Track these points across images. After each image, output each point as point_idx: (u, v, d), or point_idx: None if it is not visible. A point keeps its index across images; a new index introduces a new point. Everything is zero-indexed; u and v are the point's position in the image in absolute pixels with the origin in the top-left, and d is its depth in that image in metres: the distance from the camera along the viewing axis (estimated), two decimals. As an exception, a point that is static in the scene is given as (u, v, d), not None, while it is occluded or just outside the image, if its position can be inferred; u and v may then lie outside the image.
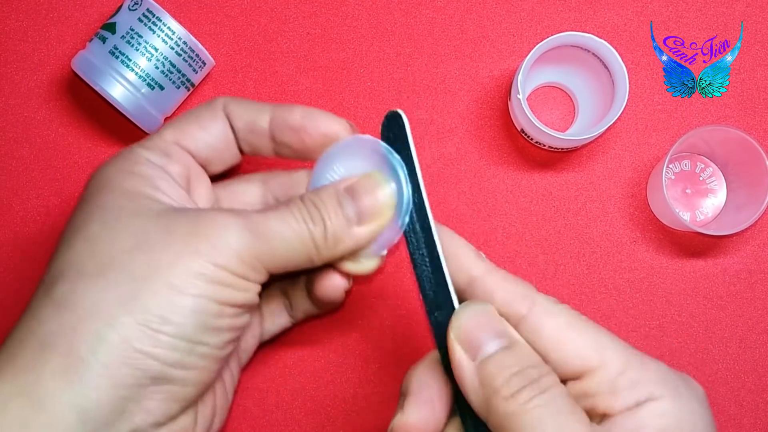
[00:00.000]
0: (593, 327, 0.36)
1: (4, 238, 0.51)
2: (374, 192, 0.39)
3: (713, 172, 0.53)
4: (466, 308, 0.36)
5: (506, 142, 0.53)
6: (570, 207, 0.52)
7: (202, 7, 0.53)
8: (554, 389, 0.34)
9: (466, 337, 0.35)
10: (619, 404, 0.34)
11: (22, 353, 0.35)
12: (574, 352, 0.35)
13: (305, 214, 0.38)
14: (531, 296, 0.37)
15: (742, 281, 0.52)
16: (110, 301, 0.35)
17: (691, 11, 0.54)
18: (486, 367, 0.35)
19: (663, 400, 0.34)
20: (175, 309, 0.35)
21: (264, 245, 0.37)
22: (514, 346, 0.35)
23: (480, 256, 0.38)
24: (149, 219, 0.37)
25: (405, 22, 0.53)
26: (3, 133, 0.52)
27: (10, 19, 0.53)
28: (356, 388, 0.50)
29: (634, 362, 0.35)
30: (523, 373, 0.34)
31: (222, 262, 0.36)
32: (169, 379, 0.35)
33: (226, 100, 0.42)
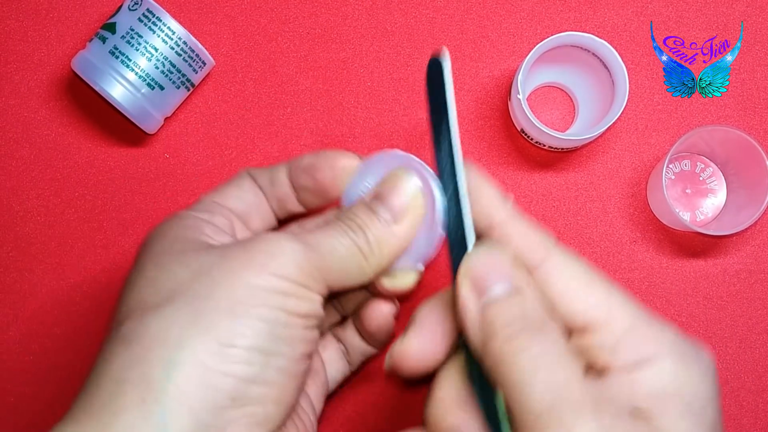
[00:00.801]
0: (605, 284, 0.36)
1: (4, 238, 0.51)
2: (398, 188, 0.39)
3: (713, 172, 0.53)
4: (480, 248, 0.36)
5: (506, 142, 0.53)
6: (570, 207, 0.52)
7: (202, 7, 0.53)
8: (553, 338, 0.34)
9: (475, 277, 0.35)
10: (619, 361, 0.34)
11: (98, 393, 0.34)
12: (582, 307, 0.35)
13: (344, 228, 0.39)
14: (548, 247, 0.36)
15: (742, 281, 0.52)
16: (177, 325, 0.34)
17: (691, 11, 0.54)
18: (489, 308, 0.34)
19: (664, 362, 0.34)
20: (243, 322, 0.35)
21: (319, 258, 0.37)
22: (520, 292, 0.35)
23: (505, 202, 0.38)
24: (203, 251, 0.37)
25: (405, 22, 0.53)
26: (3, 133, 0.52)
27: (10, 19, 0.53)
28: (356, 387, 0.50)
29: (642, 322, 0.35)
30: (524, 318, 0.34)
31: (282, 272, 0.36)
32: (248, 398, 0.35)
33: (249, 168, 0.43)
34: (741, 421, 0.51)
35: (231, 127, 0.53)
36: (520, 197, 0.52)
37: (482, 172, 0.38)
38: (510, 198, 0.38)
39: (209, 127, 0.53)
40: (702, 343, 0.36)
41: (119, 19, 0.49)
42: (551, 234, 0.37)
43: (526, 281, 0.35)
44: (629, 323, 0.35)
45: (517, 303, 0.34)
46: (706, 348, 0.36)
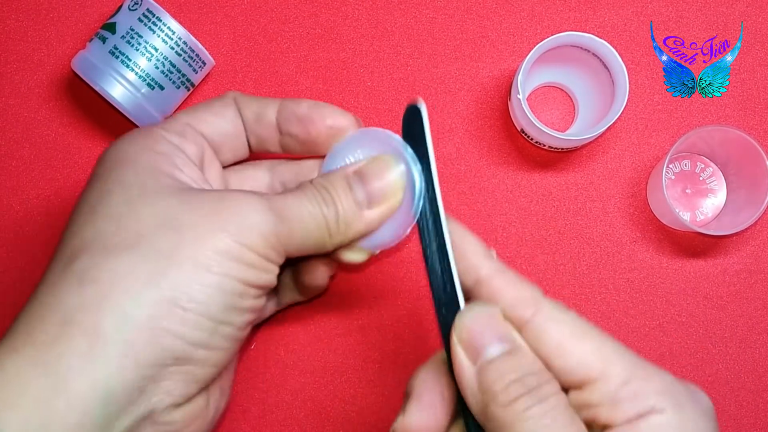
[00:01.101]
0: (598, 335, 0.35)
1: (4, 238, 0.51)
2: (383, 174, 0.39)
3: (713, 172, 0.53)
4: (471, 309, 0.35)
5: (506, 142, 0.53)
6: (570, 207, 0.52)
7: (202, 7, 0.53)
8: (553, 398, 0.33)
9: (468, 338, 0.35)
10: (620, 416, 0.33)
11: (43, 329, 0.34)
12: (577, 361, 0.34)
13: (318, 198, 0.38)
14: (537, 301, 0.36)
15: (742, 281, 0.52)
16: (136, 277, 0.34)
17: (691, 11, 0.54)
18: (486, 371, 0.34)
19: (665, 413, 0.33)
20: (202, 287, 0.35)
21: (285, 227, 0.37)
22: (515, 352, 0.34)
23: (489, 256, 0.37)
24: (172, 196, 0.36)
25: (405, 22, 0.53)
26: (3, 133, 0.52)
27: (10, 19, 0.53)
28: (356, 388, 0.50)
29: (638, 373, 0.34)
30: (522, 380, 0.33)
31: (247, 241, 0.36)
32: (191, 359, 0.35)
33: (236, 94, 0.42)
34: (741, 421, 0.51)
35: (231, 127, 0.53)
36: (520, 197, 0.52)
37: (463, 226, 0.38)
38: (493, 252, 0.38)
39: (209, 127, 0.53)
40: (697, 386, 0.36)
41: (119, 19, 0.49)
42: (537, 287, 0.37)
43: (520, 339, 0.35)
44: (626, 374, 0.34)
45: (515, 363, 0.34)
46: (701, 390, 0.35)
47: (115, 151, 0.39)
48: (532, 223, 0.52)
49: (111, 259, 0.35)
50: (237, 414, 0.50)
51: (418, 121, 0.38)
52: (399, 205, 0.39)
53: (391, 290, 0.51)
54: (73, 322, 0.34)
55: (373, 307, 0.51)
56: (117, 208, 0.36)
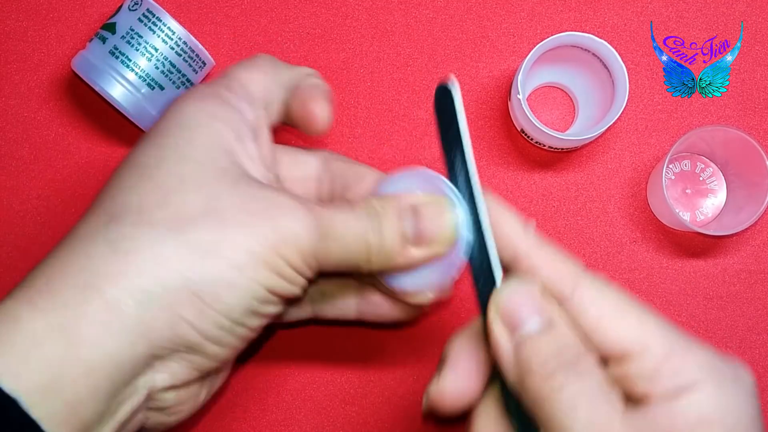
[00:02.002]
0: (639, 310, 0.35)
1: (4, 238, 0.51)
2: (438, 217, 0.38)
3: (713, 172, 0.53)
4: (509, 284, 0.35)
5: (506, 142, 0.53)
6: (570, 207, 0.52)
7: (202, 7, 0.53)
8: (590, 373, 0.33)
9: (506, 313, 0.35)
10: (659, 390, 0.33)
11: (65, 288, 0.33)
12: (617, 336, 0.34)
13: (366, 221, 0.38)
14: (577, 276, 0.36)
15: (742, 281, 0.52)
16: (170, 261, 0.34)
17: (691, 11, 0.54)
18: (523, 346, 0.34)
19: (705, 389, 0.33)
20: (230, 289, 0.35)
21: (325, 244, 0.37)
22: (553, 326, 0.34)
23: (527, 230, 0.37)
24: (226, 184, 0.36)
25: (405, 22, 0.53)
26: (3, 133, 0.52)
27: (10, 19, 0.53)
28: (356, 388, 0.50)
29: (679, 348, 0.34)
30: (560, 354, 0.33)
31: (286, 253, 0.36)
32: (201, 350, 0.36)
33: (270, 57, 0.43)
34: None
35: (231, 127, 0.53)
36: (520, 197, 0.52)
37: (501, 201, 0.37)
38: (532, 224, 0.37)
39: (209, 127, 0.53)
40: (740, 360, 0.35)
41: (119, 19, 0.49)
42: (578, 260, 0.36)
43: (558, 313, 0.35)
44: (666, 349, 0.34)
45: (552, 338, 0.34)
46: (744, 366, 0.35)
47: (180, 110, 0.38)
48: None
49: (149, 237, 0.34)
50: (237, 414, 0.50)
51: (449, 102, 0.38)
52: (445, 253, 0.39)
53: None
54: (96, 289, 0.33)
55: (373, 307, 0.51)
56: (168, 181, 0.36)
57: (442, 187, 0.38)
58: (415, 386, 0.50)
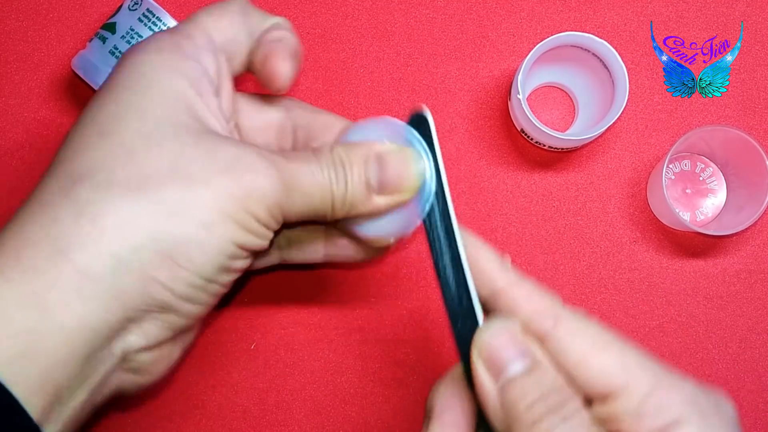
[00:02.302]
0: (620, 345, 0.35)
1: (4, 238, 0.51)
2: (403, 166, 0.38)
3: (713, 172, 0.53)
4: (490, 326, 0.35)
5: (506, 142, 0.53)
6: (570, 207, 0.52)
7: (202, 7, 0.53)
8: (577, 416, 0.33)
9: (489, 356, 0.34)
10: (644, 429, 0.33)
11: (34, 255, 0.33)
12: (599, 373, 0.34)
13: (331, 171, 0.38)
14: (556, 311, 0.35)
15: (742, 281, 0.52)
16: (138, 224, 0.34)
17: (691, 11, 0.54)
18: (508, 390, 0.34)
19: (689, 425, 0.33)
20: (200, 248, 0.35)
21: (289, 196, 0.37)
22: (537, 368, 0.34)
23: (504, 266, 0.37)
24: (190, 140, 0.35)
25: (405, 22, 0.53)
26: (3, 133, 0.52)
27: (10, 19, 0.53)
28: (356, 388, 0.50)
29: (662, 383, 0.34)
30: (545, 398, 0.33)
31: (252, 208, 0.36)
32: (174, 309, 0.36)
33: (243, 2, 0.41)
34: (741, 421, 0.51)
35: (231, 127, 0.53)
36: (520, 197, 0.52)
37: (476, 236, 0.37)
38: (507, 259, 0.37)
39: (209, 127, 0.53)
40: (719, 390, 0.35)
41: (119, 19, 0.49)
42: (556, 294, 0.36)
43: (541, 354, 0.34)
44: (650, 386, 0.33)
45: (537, 379, 0.34)
46: (725, 397, 0.35)
47: (137, 63, 0.37)
48: (532, 223, 0.52)
49: (115, 199, 0.34)
50: (237, 414, 0.50)
51: (425, 131, 0.38)
52: (408, 200, 0.39)
53: (391, 290, 0.51)
54: (66, 255, 0.33)
55: (373, 307, 0.51)
56: (130, 139, 0.35)
57: (407, 135, 0.39)
58: (416, 386, 0.50)
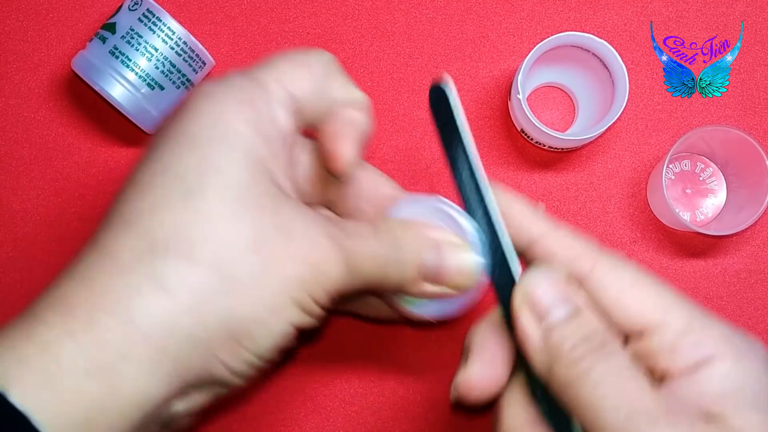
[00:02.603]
0: (658, 285, 0.36)
1: (4, 238, 0.51)
2: (462, 263, 0.38)
3: (713, 172, 0.53)
4: (533, 273, 0.36)
5: (506, 142, 0.53)
6: (570, 207, 0.52)
7: (202, 7, 0.53)
8: (617, 355, 0.34)
9: (533, 302, 0.35)
10: (678, 365, 0.34)
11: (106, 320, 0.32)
12: (637, 311, 0.35)
13: (389, 250, 0.37)
14: (594, 254, 0.36)
15: (742, 281, 0.52)
16: (212, 301, 0.33)
17: (691, 11, 0.54)
18: (551, 333, 0.35)
19: (724, 361, 0.34)
20: (265, 330, 0.34)
21: (349, 278, 0.37)
22: (579, 314, 0.35)
23: (537, 215, 0.38)
24: (268, 211, 0.35)
25: (405, 22, 0.53)
26: (3, 133, 0.52)
27: (10, 19, 0.53)
28: (356, 388, 0.50)
29: (697, 322, 0.35)
30: (587, 339, 0.34)
31: (316, 294, 0.35)
32: (226, 384, 0.36)
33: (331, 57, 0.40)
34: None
35: (231, 127, 0.53)
36: (520, 197, 0.52)
37: (508, 190, 0.38)
38: (541, 207, 0.38)
39: (209, 127, 0.53)
40: (753, 335, 0.36)
41: (119, 19, 0.49)
42: (593, 240, 0.37)
43: (583, 301, 0.35)
44: (684, 324, 0.35)
45: (579, 324, 0.35)
46: (758, 342, 0.36)
47: (214, 112, 0.36)
48: (532, 223, 0.52)
49: (193, 276, 0.33)
50: (237, 414, 0.50)
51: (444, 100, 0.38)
52: (460, 294, 0.39)
53: (391, 290, 0.51)
54: (140, 327, 0.33)
55: (373, 307, 0.51)
56: (214, 206, 0.34)
57: (460, 221, 0.39)
58: (416, 386, 0.50)
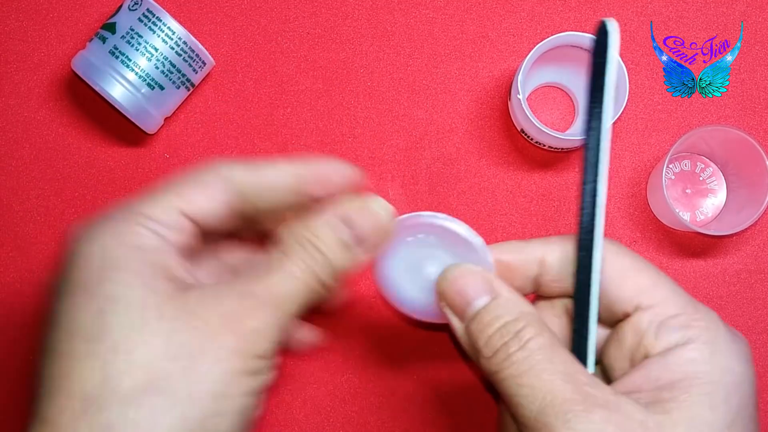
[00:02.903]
0: (656, 272, 0.37)
1: (4, 238, 0.51)
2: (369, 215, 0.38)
3: (713, 172, 0.53)
4: (450, 269, 0.37)
5: (506, 142, 0.53)
6: (570, 207, 0.52)
7: (202, 7, 0.53)
8: (534, 341, 0.34)
9: (452, 298, 0.36)
10: (659, 344, 0.35)
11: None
12: (633, 290, 0.36)
13: (305, 257, 0.36)
14: None
15: (742, 281, 0.52)
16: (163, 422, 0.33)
17: (691, 11, 0.54)
18: (470, 327, 0.35)
19: (698, 346, 0.34)
20: (222, 418, 0.34)
21: (287, 315, 0.36)
22: (496, 299, 0.36)
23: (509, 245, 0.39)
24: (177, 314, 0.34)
25: (405, 22, 0.53)
26: (3, 133, 0.52)
27: (10, 19, 0.53)
28: (356, 388, 0.50)
29: (685, 308, 0.36)
30: (502, 329, 0.34)
31: (259, 350, 0.35)
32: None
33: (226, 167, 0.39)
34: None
35: (231, 127, 0.53)
36: (520, 197, 0.52)
37: None
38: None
39: (209, 127, 0.53)
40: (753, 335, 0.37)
41: (119, 19, 0.49)
42: None
43: (502, 287, 0.36)
44: (675, 308, 0.36)
45: (493, 311, 0.35)
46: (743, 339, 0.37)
47: (93, 251, 0.34)
48: (532, 223, 0.52)
49: (130, 410, 0.32)
50: (237, 414, 0.50)
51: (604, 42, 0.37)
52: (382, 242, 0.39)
53: (391, 290, 0.51)
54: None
55: (373, 307, 0.51)
56: (121, 336, 0.33)
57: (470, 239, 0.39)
58: (416, 386, 0.50)
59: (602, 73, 0.36)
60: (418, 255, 0.39)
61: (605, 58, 0.36)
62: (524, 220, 0.52)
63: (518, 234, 0.52)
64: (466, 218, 0.52)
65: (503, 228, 0.52)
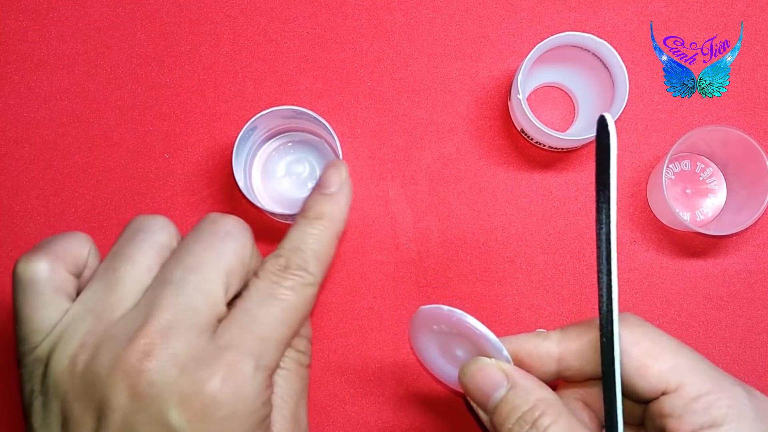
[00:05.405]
0: (675, 350, 0.37)
1: (4, 239, 0.51)
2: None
3: (713, 172, 0.53)
4: (468, 365, 0.38)
5: (506, 142, 0.53)
6: (570, 207, 0.52)
7: (202, 6, 0.53)
8: (551, 428, 0.35)
9: (473, 393, 0.38)
10: (686, 427, 0.35)
11: None
12: (655, 378, 0.36)
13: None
14: None
15: (742, 281, 0.52)
16: None
17: (691, 11, 0.54)
18: (492, 420, 0.37)
19: (728, 426, 0.35)
20: None
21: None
22: (513, 390, 0.37)
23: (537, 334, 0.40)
24: None
25: (405, 22, 0.53)
26: (3, 133, 0.52)
27: (10, 19, 0.53)
28: (356, 387, 0.50)
29: (712, 388, 0.36)
30: (520, 420, 0.36)
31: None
32: None
33: None
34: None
35: (231, 126, 0.53)
36: (520, 197, 0.52)
37: None
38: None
39: (209, 127, 0.53)
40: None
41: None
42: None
43: (518, 376, 0.38)
44: (698, 390, 0.36)
45: (511, 402, 0.37)
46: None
47: None
48: (532, 223, 0.52)
49: None
50: (237, 414, 0.50)
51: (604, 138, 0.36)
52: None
53: (391, 290, 0.51)
54: None
55: (373, 307, 0.51)
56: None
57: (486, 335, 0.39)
58: (416, 386, 0.50)
59: (606, 169, 0.36)
60: (445, 338, 0.41)
61: (608, 154, 0.36)
62: (524, 220, 0.52)
63: (518, 234, 0.52)
64: (466, 218, 0.52)
65: (503, 228, 0.52)
